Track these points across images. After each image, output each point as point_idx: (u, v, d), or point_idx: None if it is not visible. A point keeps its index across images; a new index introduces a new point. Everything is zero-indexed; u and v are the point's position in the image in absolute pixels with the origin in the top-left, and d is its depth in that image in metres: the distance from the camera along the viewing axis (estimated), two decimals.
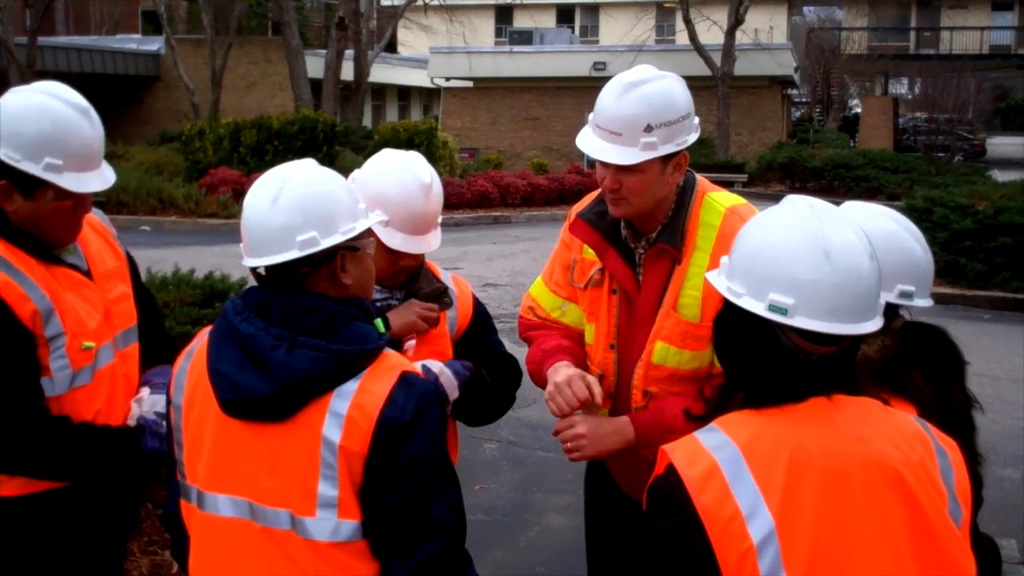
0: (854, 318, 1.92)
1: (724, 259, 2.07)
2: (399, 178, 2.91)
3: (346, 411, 2.10)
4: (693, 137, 2.88)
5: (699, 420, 2.10)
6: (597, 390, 2.86)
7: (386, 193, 2.86)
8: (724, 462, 1.86)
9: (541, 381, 3.09)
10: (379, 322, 2.23)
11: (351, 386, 2.12)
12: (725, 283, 2.01)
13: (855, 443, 1.89)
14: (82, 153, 2.72)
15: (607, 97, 2.83)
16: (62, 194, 2.70)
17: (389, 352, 2.22)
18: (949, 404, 2.27)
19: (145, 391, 2.95)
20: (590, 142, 2.86)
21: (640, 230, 2.98)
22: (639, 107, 2.76)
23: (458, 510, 2.19)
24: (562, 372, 2.93)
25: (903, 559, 1.86)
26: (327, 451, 2.10)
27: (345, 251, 2.24)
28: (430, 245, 2.97)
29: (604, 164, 2.84)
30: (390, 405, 2.11)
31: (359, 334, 2.16)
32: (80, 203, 2.78)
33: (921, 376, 2.23)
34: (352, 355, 2.13)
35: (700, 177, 3.03)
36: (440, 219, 3.04)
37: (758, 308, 1.93)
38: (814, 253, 1.91)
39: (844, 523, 1.84)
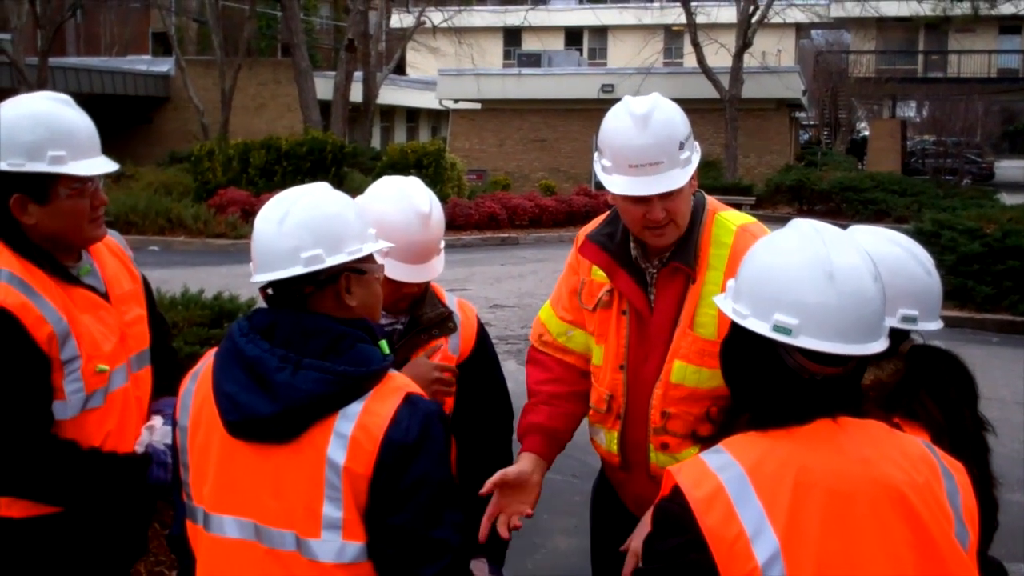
0: (859, 339, 1.93)
1: (731, 282, 2.08)
2: (397, 206, 2.90)
3: (351, 433, 2.10)
4: (697, 145, 2.94)
5: (706, 441, 2.10)
6: (501, 524, 3.06)
7: (385, 222, 2.77)
8: (729, 483, 1.87)
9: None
10: (384, 344, 2.24)
11: (356, 407, 2.12)
12: (731, 304, 2.03)
13: (860, 465, 1.90)
14: (80, 140, 2.76)
15: (630, 136, 2.80)
16: (74, 188, 2.73)
17: (394, 374, 2.23)
18: (961, 427, 2.26)
19: (158, 419, 2.96)
20: (630, 184, 2.82)
21: (651, 250, 2.99)
22: (666, 130, 2.81)
23: (462, 531, 2.19)
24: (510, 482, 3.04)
25: None
26: (332, 473, 2.11)
27: (351, 273, 2.25)
28: (431, 273, 2.97)
29: (641, 200, 2.82)
30: (394, 427, 2.11)
31: (363, 356, 2.17)
32: (95, 196, 2.80)
33: (931, 400, 2.23)
34: (357, 377, 2.13)
35: (709, 197, 3.05)
36: (443, 244, 3.03)
37: (763, 328, 1.94)
38: (818, 274, 1.93)
39: (849, 544, 1.84)
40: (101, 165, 2.80)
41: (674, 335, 2.93)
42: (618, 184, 2.84)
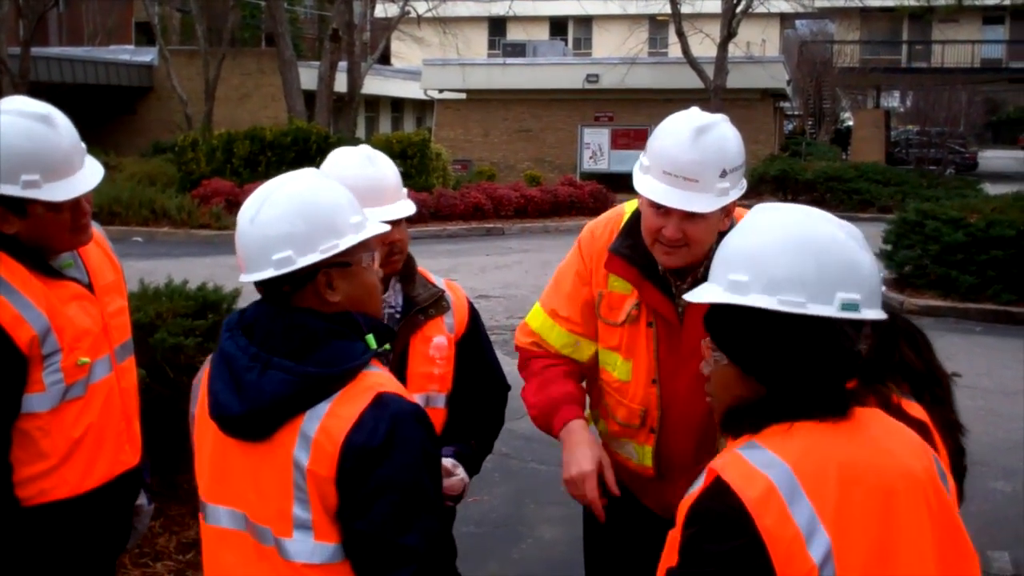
0: (880, 302, 1.95)
1: (735, 279, 1.96)
2: (344, 159, 3.00)
3: (313, 435, 2.08)
4: (746, 185, 2.84)
5: (732, 432, 2.00)
6: (611, 480, 2.84)
7: (336, 172, 2.89)
8: (778, 481, 1.81)
9: (549, 430, 3.04)
10: (370, 337, 2.19)
11: (322, 408, 2.09)
12: (771, 300, 1.91)
13: (889, 458, 1.88)
14: (55, 161, 2.68)
15: (678, 143, 2.72)
16: (51, 206, 2.69)
17: (369, 372, 2.16)
18: (938, 374, 2.24)
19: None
20: (658, 189, 2.74)
21: (682, 269, 2.91)
22: (715, 152, 2.70)
23: (433, 539, 2.11)
24: (577, 458, 2.86)
25: (931, 571, 1.86)
26: (298, 474, 2.09)
27: (332, 268, 2.19)
28: (401, 211, 2.97)
29: (665, 213, 2.74)
30: (357, 430, 2.06)
31: (335, 354, 2.13)
32: (76, 207, 2.76)
33: (910, 351, 2.20)
34: (321, 377, 2.10)
35: (738, 208, 2.93)
36: (404, 190, 3.06)
37: (829, 311, 1.88)
38: (856, 245, 1.92)
39: (889, 538, 1.83)
40: (78, 186, 2.72)
41: None
42: (646, 185, 2.77)
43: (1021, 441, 7.93)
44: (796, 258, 1.91)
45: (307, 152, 22.36)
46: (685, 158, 2.70)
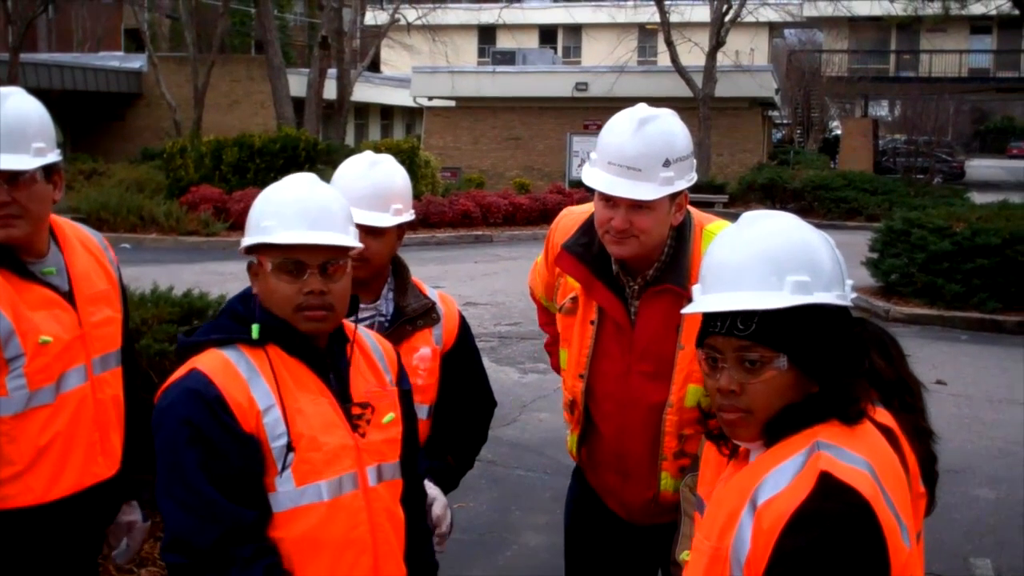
0: None
1: (798, 280, 1.94)
2: (352, 159, 3.13)
3: None
4: (695, 176, 2.89)
5: (773, 437, 1.97)
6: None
7: (338, 174, 3.06)
8: (872, 476, 1.85)
9: None
10: (254, 327, 2.33)
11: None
12: (831, 296, 1.97)
13: (893, 455, 1.97)
14: None
15: (620, 134, 2.80)
16: None
17: (214, 350, 2.34)
18: (908, 379, 2.26)
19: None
20: (603, 180, 2.80)
21: (633, 268, 2.94)
22: (657, 142, 2.76)
23: (180, 512, 2.24)
24: None
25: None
26: None
27: (251, 263, 2.40)
28: (380, 220, 2.99)
29: (613, 204, 2.80)
30: (161, 395, 2.32)
31: (212, 327, 2.40)
32: (13, 185, 2.69)
33: (880, 359, 2.23)
34: (180, 344, 2.40)
35: (694, 210, 3.01)
36: (407, 211, 3.10)
37: (846, 302, 2.00)
38: (820, 236, 2.03)
39: (913, 525, 1.94)
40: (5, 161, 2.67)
41: (678, 358, 2.89)
42: (591, 176, 2.84)
43: (1005, 449, 7.97)
44: (830, 254, 2.01)
45: (295, 159, 22.33)
46: (628, 148, 2.77)
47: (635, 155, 2.75)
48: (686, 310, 2.05)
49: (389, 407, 2.49)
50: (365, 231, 2.89)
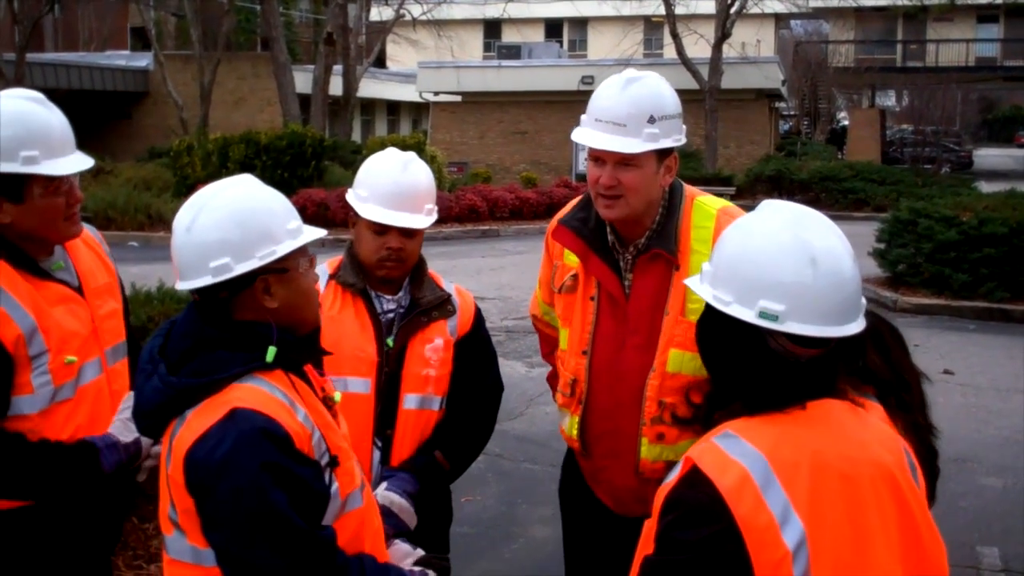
0: (841, 320, 1.95)
1: (706, 266, 2.07)
2: (380, 156, 3.16)
3: (173, 442, 2.16)
4: (683, 138, 2.95)
5: (689, 425, 2.10)
6: None
7: (367, 169, 3.13)
8: (753, 470, 1.86)
9: None
10: (271, 350, 2.19)
11: (185, 417, 2.15)
12: (710, 291, 2.01)
13: (860, 448, 1.93)
14: (53, 139, 2.76)
15: (608, 91, 2.90)
16: (48, 186, 2.74)
17: (240, 385, 2.16)
18: (906, 377, 2.26)
19: (126, 406, 2.96)
20: (589, 135, 2.89)
21: (626, 236, 3.00)
22: (642, 98, 2.84)
23: (287, 557, 2.10)
24: None
25: (896, 561, 1.90)
26: (167, 476, 2.18)
27: (268, 274, 2.21)
28: (412, 222, 3.07)
29: (601, 161, 2.88)
30: (200, 444, 2.09)
31: (214, 363, 2.15)
32: (70, 194, 2.80)
33: (877, 355, 2.23)
34: (185, 387, 2.14)
35: (685, 184, 3.07)
36: (430, 208, 3.14)
37: (748, 315, 1.94)
38: (802, 259, 1.93)
39: (859, 527, 1.88)
40: (74, 163, 2.80)
41: (663, 324, 2.94)
42: (579, 134, 2.93)
43: (1013, 438, 7.96)
44: (739, 256, 2.00)
45: (302, 155, 22.39)
46: (613, 105, 2.86)
47: (620, 111, 2.84)
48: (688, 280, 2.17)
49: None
50: (402, 233, 3.06)
